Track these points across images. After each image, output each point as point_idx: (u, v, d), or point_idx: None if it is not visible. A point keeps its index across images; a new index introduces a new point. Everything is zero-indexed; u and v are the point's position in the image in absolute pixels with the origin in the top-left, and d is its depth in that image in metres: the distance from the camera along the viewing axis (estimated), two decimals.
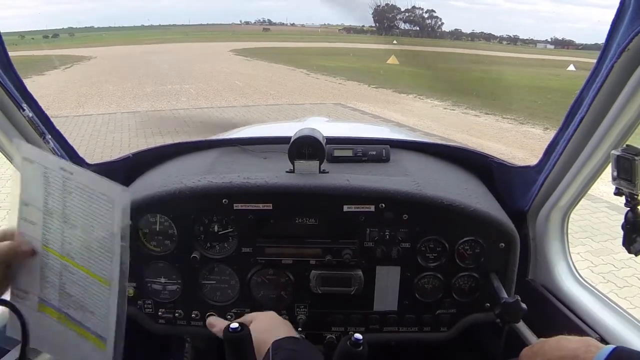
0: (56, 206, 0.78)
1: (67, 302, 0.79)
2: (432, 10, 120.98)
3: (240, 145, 1.56)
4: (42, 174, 0.79)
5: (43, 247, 0.80)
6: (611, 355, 0.73)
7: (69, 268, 0.78)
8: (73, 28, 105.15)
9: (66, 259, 0.78)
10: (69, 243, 0.78)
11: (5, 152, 1.07)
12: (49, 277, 0.80)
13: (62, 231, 0.78)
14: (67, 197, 0.77)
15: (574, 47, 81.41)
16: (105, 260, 0.76)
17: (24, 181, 0.81)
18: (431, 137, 7.54)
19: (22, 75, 1.03)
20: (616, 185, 0.88)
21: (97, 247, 0.77)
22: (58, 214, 0.78)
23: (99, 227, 0.76)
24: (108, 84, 14.68)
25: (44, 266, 0.80)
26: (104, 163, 1.41)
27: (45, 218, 0.79)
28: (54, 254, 0.79)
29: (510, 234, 1.20)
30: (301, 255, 1.22)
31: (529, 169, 1.27)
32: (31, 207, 0.80)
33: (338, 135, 1.53)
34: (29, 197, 0.80)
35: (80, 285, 0.78)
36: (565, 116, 1.07)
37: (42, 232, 0.79)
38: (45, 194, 0.79)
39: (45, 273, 0.80)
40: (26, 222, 0.81)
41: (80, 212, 0.77)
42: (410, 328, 1.28)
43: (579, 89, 1.02)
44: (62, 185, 0.78)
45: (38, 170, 0.79)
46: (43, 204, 0.79)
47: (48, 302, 0.81)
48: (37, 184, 0.79)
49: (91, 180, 0.76)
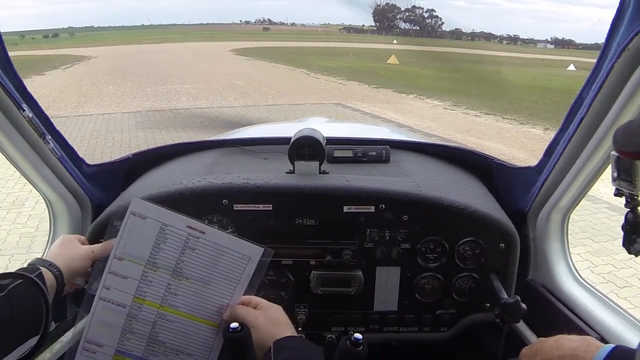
0: (166, 261, 0.83)
1: (155, 350, 0.83)
2: (432, 10, 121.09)
3: (240, 146, 1.56)
4: (159, 231, 0.83)
5: (136, 299, 0.83)
6: (611, 354, 0.73)
7: (167, 317, 0.83)
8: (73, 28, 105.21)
9: (166, 308, 0.83)
10: (173, 294, 0.83)
11: (6, 152, 1.07)
12: (136, 329, 0.83)
13: (168, 284, 0.83)
14: (186, 252, 0.83)
15: (574, 47, 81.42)
16: (220, 306, 0.84)
17: (126, 236, 0.83)
18: (431, 137, 7.54)
19: (22, 75, 1.02)
20: (616, 186, 0.88)
21: (213, 296, 0.84)
22: (167, 268, 0.83)
23: (221, 280, 0.84)
24: (108, 83, 14.67)
25: (133, 318, 0.83)
26: (104, 164, 1.40)
27: (146, 272, 0.83)
28: (150, 305, 0.83)
29: (510, 235, 1.20)
30: (301, 255, 1.22)
31: (529, 170, 1.27)
32: (126, 262, 0.83)
33: (338, 136, 1.53)
34: (127, 252, 0.83)
35: (180, 330, 0.83)
36: (566, 116, 1.07)
37: (137, 285, 0.82)
38: (154, 249, 0.83)
39: (132, 325, 0.83)
40: (116, 276, 0.83)
41: (200, 267, 0.83)
42: (410, 328, 1.28)
43: (579, 89, 1.02)
44: (183, 242, 0.83)
45: (152, 226, 0.83)
46: (148, 258, 0.82)
47: (128, 353, 0.83)
48: (144, 240, 0.82)
49: (226, 240, 0.84)
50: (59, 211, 1.29)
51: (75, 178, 1.25)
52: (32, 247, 3.96)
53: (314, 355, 0.78)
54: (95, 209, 1.33)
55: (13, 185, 5.24)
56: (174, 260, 0.83)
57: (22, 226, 4.39)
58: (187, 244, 0.83)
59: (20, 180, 5.10)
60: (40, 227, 4.27)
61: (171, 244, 0.83)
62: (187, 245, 0.83)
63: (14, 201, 4.92)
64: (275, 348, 0.76)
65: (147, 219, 0.83)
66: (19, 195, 5.03)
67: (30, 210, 4.67)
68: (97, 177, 1.34)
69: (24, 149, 1.08)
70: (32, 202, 4.78)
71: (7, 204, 4.86)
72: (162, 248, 0.83)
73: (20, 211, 4.69)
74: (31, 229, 4.32)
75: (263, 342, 0.79)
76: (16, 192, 5.09)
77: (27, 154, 1.09)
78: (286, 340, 0.78)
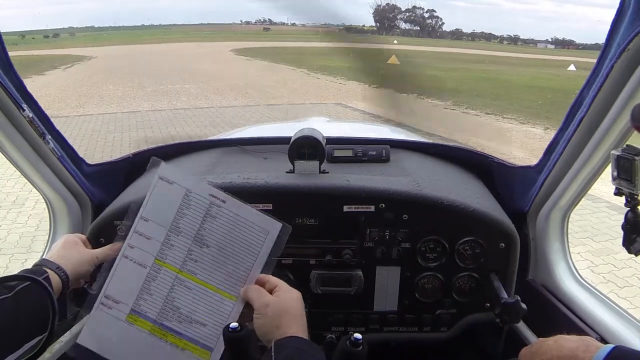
0: (189, 226, 0.85)
1: (169, 315, 0.84)
2: (432, 10, 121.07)
3: (241, 146, 1.56)
4: (183, 196, 0.85)
5: (157, 261, 0.84)
6: (610, 354, 0.73)
7: (185, 283, 0.84)
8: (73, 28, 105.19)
9: (185, 274, 0.85)
10: (193, 260, 0.85)
11: (6, 152, 1.07)
12: (154, 290, 0.84)
13: (189, 249, 0.85)
14: (207, 220, 0.85)
15: (575, 47, 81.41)
16: (238, 278, 0.85)
17: (153, 198, 0.86)
18: (431, 137, 7.53)
19: (22, 75, 1.03)
20: (616, 185, 0.88)
21: (232, 267, 0.85)
22: (188, 234, 0.85)
23: (241, 251, 0.85)
24: (108, 83, 14.67)
25: (152, 280, 0.84)
26: (104, 163, 1.40)
27: (169, 235, 0.85)
28: (169, 268, 0.85)
29: (510, 234, 1.20)
30: (301, 255, 1.22)
31: (529, 169, 1.26)
32: (151, 223, 0.85)
33: (338, 136, 1.53)
34: (152, 214, 0.85)
35: (196, 298, 0.84)
36: (566, 116, 1.07)
37: (159, 247, 0.84)
38: (177, 214, 0.85)
39: (150, 286, 0.84)
40: (140, 235, 0.85)
41: (220, 235, 0.85)
42: (410, 328, 1.28)
43: (579, 89, 1.02)
44: (205, 210, 0.85)
45: (177, 191, 0.85)
46: (172, 222, 0.85)
47: (143, 314, 0.84)
48: (169, 204, 0.85)
49: (245, 211, 0.86)
50: (59, 211, 1.29)
51: (75, 178, 1.25)
52: (33, 247, 3.96)
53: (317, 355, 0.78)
54: (95, 208, 1.33)
55: (13, 185, 5.24)
56: (196, 226, 0.85)
57: (22, 226, 4.39)
58: (210, 211, 0.85)
59: (20, 180, 5.10)
60: (41, 227, 4.27)
61: (194, 210, 0.85)
62: (209, 213, 0.85)
63: (14, 201, 4.92)
64: (276, 347, 0.75)
65: (173, 184, 0.85)
66: (19, 194, 5.03)
67: (31, 209, 4.68)
68: (97, 177, 1.34)
69: (24, 148, 1.08)
70: (32, 201, 4.78)
71: (7, 204, 4.86)
72: (185, 214, 0.85)
73: (20, 211, 4.69)
74: (31, 228, 4.32)
75: (268, 331, 0.78)
76: (16, 192, 5.09)
77: (27, 153, 1.09)
78: (288, 340, 0.78)
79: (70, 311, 1.08)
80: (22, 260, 3.75)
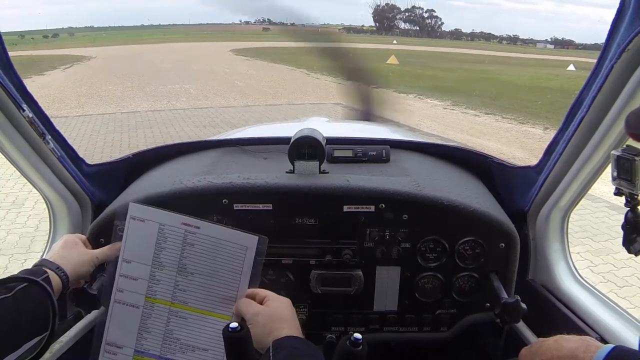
0: (170, 259, 0.86)
1: (172, 347, 0.85)
2: (432, 10, 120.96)
3: (240, 146, 1.56)
4: (157, 231, 0.86)
5: (147, 298, 0.86)
6: (610, 354, 0.73)
7: (179, 314, 0.86)
8: (73, 28, 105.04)
9: (177, 305, 0.86)
10: (182, 290, 0.86)
11: (6, 152, 1.07)
12: (151, 327, 0.86)
13: (175, 281, 0.86)
14: (186, 248, 0.86)
15: (574, 47, 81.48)
16: (228, 298, 0.86)
17: (130, 240, 0.87)
18: (431, 137, 7.54)
19: (22, 75, 1.02)
20: (616, 186, 0.88)
21: (219, 289, 0.86)
22: (171, 266, 0.86)
23: (225, 272, 0.86)
24: (108, 84, 14.66)
25: (147, 318, 0.86)
26: (104, 163, 1.40)
27: (153, 271, 0.86)
28: (161, 303, 0.86)
29: (510, 234, 1.20)
30: (301, 255, 1.22)
31: (529, 169, 1.27)
32: (134, 264, 0.86)
33: (338, 136, 1.53)
34: (132, 254, 0.87)
35: (193, 326, 0.86)
36: (566, 116, 1.07)
37: (147, 285, 0.86)
38: (156, 249, 0.86)
39: (147, 324, 0.86)
40: (127, 278, 0.86)
41: (202, 261, 0.86)
42: (410, 328, 1.28)
43: (579, 89, 1.02)
44: (182, 239, 0.86)
45: (151, 227, 0.86)
46: (153, 258, 0.86)
47: (146, 352, 0.86)
48: (146, 241, 0.86)
49: (220, 232, 0.86)
50: (59, 211, 1.29)
51: (75, 178, 1.25)
52: (32, 247, 3.96)
53: (315, 354, 0.78)
54: (95, 208, 1.33)
55: (13, 185, 5.24)
56: (176, 257, 0.86)
57: (22, 226, 4.39)
58: (186, 240, 0.86)
59: (20, 180, 5.10)
60: (40, 227, 4.27)
61: (171, 242, 0.86)
62: (187, 241, 0.86)
63: (14, 201, 4.92)
64: (274, 347, 0.75)
65: (145, 221, 0.86)
66: (18, 195, 5.03)
67: (30, 210, 4.67)
68: (97, 177, 1.34)
69: (24, 148, 1.08)
70: (32, 201, 4.78)
71: (7, 204, 4.86)
72: (164, 247, 0.86)
73: (20, 211, 4.69)
74: (31, 228, 4.32)
75: (261, 338, 0.79)
76: (16, 192, 5.09)
77: (27, 153, 1.09)
78: (285, 339, 0.78)
79: (71, 311, 1.08)
80: (22, 260, 3.75)
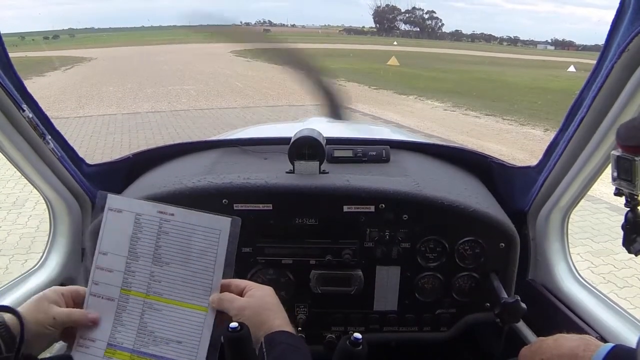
0: (145, 249, 0.85)
1: (145, 341, 0.83)
2: (432, 11, 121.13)
3: (241, 146, 1.56)
4: (134, 221, 0.85)
5: (123, 291, 0.84)
6: (610, 353, 0.73)
7: (154, 306, 0.84)
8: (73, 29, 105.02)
9: (152, 297, 0.84)
10: (157, 282, 0.84)
11: (6, 152, 1.07)
12: (126, 320, 0.84)
13: (151, 272, 0.84)
14: (161, 237, 0.85)
15: (574, 48, 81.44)
16: (203, 288, 0.84)
17: (106, 231, 0.85)
18: (431, 137, 7.54)
19: (22, 76, 1.03)
20: (616, 186, 0.88)
21: (195, 278, 0.84)
22: (146, 257, 0.84)
23: (199, 259, 0.84)
24: (108, 85, 14.67)
25: (122, 310, 0.84)
26: (104, 164, 1.40)
27: (129, 263, 0.84)
28: (136, 295, 0.84)
29: (510, 234, 1.20)
30: (301, 255, 1.22)
31: (529, 170, 1.27)
32: (110, 256, 0.85)
33: (338, 136, 1.53)
34: (108, 246, 0.85)
35: (168, 318, 0.84)
36: (566, 117, 1.07)
37: (123, 277, 0.84)
38: (132, 240, 0.85)
39: (121, 317, 0.84)
40: (102, 270, 0.85)
41: (176, 249, 0.84)
42: (410, 328, 1.28)
43: (579, 90, 1.02)
44: (157, 228, 0.85)
45: (127, 218, 0.85)
46: (129, 249, 0.85)
47: (119, 345, 0.83)
48: (122, 232, 0.85)
49: (194, 217, 0.84)
50: (59, 211, 1.29)
51: (75, 178, 1.25)
52: (33, 248, 3.96)
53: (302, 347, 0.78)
54: (95, 208, 1.33)
55: (13, 186, 5.24)
56: (152, 247, 0.84)
57: (23, 227, 4.39)
58: (161, 228, 0.85)
59: (20, 181, 5.11)
60: (41, 228, 4.27)
61: (147, 232, 0.85)
62: (162, 230, 0.85)
63: (15, 202, 4.92)
64: (267, 344, 0.75)
65: (122, 211, 0.85)
66: (19, 196, 5.03)
67: (31, 210, 4.68)
68: (97, 177, 1.34)
69: (24, 149, 1.08)
70: (33, 202, 4.78)
71: (8, 205, 4.86)
72: (139, 237, 0.85)
73: (20, 212, 4.69)
74: (31, 229, 4.32)
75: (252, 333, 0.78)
76: (16, 193, 5.09)
77: (27, 154, 1.09)
78: (276, 335, 0.78)
79: None
80: (22, 261, 3.76)
